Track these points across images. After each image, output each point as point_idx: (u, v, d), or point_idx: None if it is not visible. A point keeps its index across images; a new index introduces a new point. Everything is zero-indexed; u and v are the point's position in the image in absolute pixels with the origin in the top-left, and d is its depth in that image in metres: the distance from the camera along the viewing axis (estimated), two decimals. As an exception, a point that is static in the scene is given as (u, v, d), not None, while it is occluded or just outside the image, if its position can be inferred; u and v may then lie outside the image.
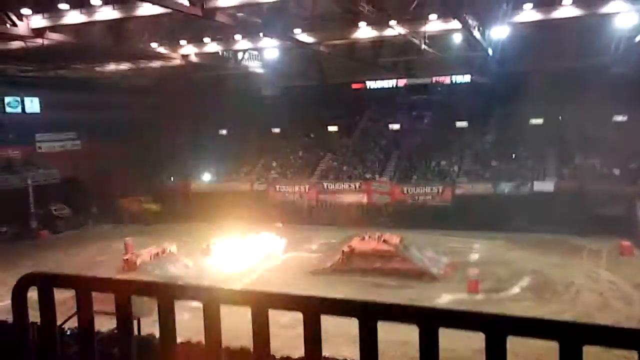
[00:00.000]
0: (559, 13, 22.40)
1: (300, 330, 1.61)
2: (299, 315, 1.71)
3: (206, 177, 41.25)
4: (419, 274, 23.66)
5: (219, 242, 28.36)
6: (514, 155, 36.04)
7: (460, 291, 21.79)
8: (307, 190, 37.88)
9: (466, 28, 23.25)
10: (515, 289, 22.43)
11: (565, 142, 34.72)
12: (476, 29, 24.39)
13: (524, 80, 32.35)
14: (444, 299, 20.99)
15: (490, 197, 33.26)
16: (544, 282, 23.07)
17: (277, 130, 44.65)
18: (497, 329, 1.40)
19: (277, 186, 38.71)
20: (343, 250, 25.17)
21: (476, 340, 1.46)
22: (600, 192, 30.02)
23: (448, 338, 1.58)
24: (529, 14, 23.04)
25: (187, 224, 36.06)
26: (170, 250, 27.07)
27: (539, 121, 37.08)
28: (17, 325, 1.79)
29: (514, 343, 1.45)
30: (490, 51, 27.59)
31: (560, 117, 35.55)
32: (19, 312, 1.80)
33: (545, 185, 32.73)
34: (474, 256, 27.83)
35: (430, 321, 1.44)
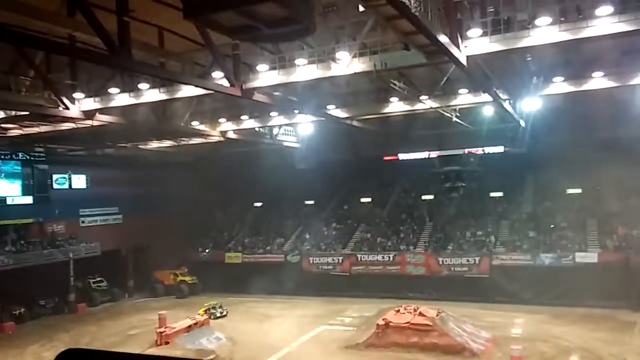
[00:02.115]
0: (590, 85, 22.36)
1: None
2: None
3: (240, 248, 41.56)
4: (459, 349, 22.72)
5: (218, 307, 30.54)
6: (552, 226, 35.18)
7: (504, 369, 20.82)
8: (340, 261, 37.61)
9: (497, 101, 23.67)
10: (564, 368, 21.30)
11: (605, 213, 33.80)
12: (507, 101, 24.82)
13: (558, 150, 32.18)
14: (487, 378, 20.01)
15: (529, 269, 32.27)
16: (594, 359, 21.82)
17: (310, 202, 45.19)
18: None
19: (311, 258, 38.61)
20: (378, 324, 24.52)
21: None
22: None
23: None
24: (560, 86, 23.10)
25: (221, 296, 36.04)
26: (202, 323, 26.96)
27: (577, 191, 36.43)
28: None
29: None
30: (522, 123, 27.83)
31: (598, 187, 34.83)
32: None
33: (588, 257, 31.59)
34: (516, 331, 26.67)
35: None
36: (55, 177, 36.91)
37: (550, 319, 27.94)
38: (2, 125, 26.62)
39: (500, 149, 34.98)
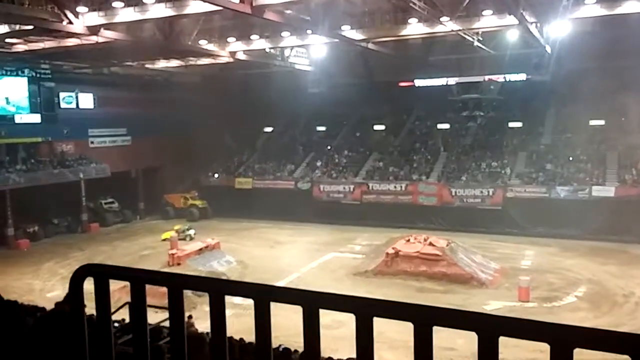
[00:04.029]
0: (623, 8, 21.19)
1: (341, 331, 1.26)
2: (340, 316, 1.64)
3: (250, 174, 41.47)
4: (466, 279, 22.87)
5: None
6: (571, 158, 34.31)
7: (510, 299, 21.00)
8: (351, 190, 37.40)
9: (523, 25, 22.25)
10: (570, 298, 21.45)
11: (627, 146, 32.72)
12: (534, 25, 23.30)
13: (584, 79, 30.64)
14: (493, 306, 20.24)
15: (544, 201, 31.85)
16: (601, 292, 21.99)
17: (322, 128, 44.43)
18: (563, 339, 1.32)
19: (322, 185, 38.41)
20: (387, 252, 24.60)
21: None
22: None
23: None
24: (591, 9, 21.93)
25: (232, 221, 36.44)
26: (213, 247, 27.27)
27: (600, 122, 35.15)
28: (74, 315, 1.84)
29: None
30: (548, 48, 26.25)
31: (623, 119, 33.51)
32: (76, 302, 1.85)
33: (605, 191, 30.96)
34: (526, 262, 26.69)
35: (491, 329, 1.38)
36: (62, 95, 36.27)
37: (560, 251, 27.89)
38: (7, 40, 26.13)
39: (522, 76, 33.52)
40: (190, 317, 12.97)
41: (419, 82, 37.41)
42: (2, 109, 32.95)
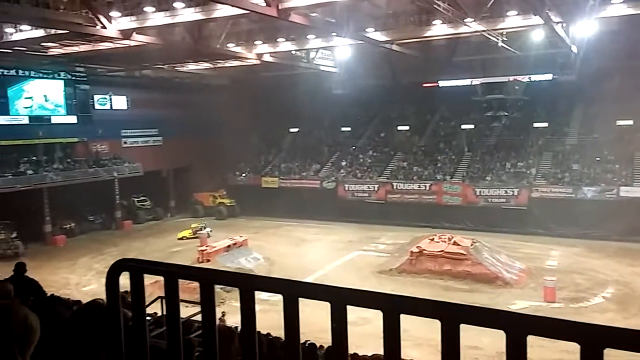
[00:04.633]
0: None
1: (366, 328, 1.58)
2: (366, 314, 1.66)
3: (276, 173, 42.16)
4: (491, 278, 22.89)
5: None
6: (598, 158, 33.92)
7: (536, 299, 20.93)
8: (376, 189, 37.71)
9: (548, 25, 22.18)
10: (597, 299, 21.23)
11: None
12: (559, 25, 23.23)
13: (611, 78, 30.30)
14: (519, 306, 20.17)
15: (570, 202, 31.57)
16: (629, 293, 21.71)
17: (347, 129, 44.81)
18: (594, 339, 1.28)
19: (346, 185, 38.83)
20: (412, 251, 24.82)
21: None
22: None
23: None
24: (618, 8, 21.71)
25: (259, 219, 37.13)
26: (241, 244, 27.92)
27: (628, 122, 34.62)
28: (110, 308, 1.86)
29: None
30: (574, 48, 26.11)
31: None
32: (112, 296, 1.85)
33: (634, 191, 30.55)
34: (551, 263, 26.52)
35: (519, 328, 1.34)
36: (96, 97, 37.69)
37: (587, 252, 27.64)
38: (43, 43, 27.15)
39: (548, 76, 33.28)
40: (223, 314, 13.61)
41: (443, 83, 37.46)
42: (41, 108, 34.39)
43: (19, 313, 2.25)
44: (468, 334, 1.46)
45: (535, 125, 38.02)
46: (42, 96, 34.42)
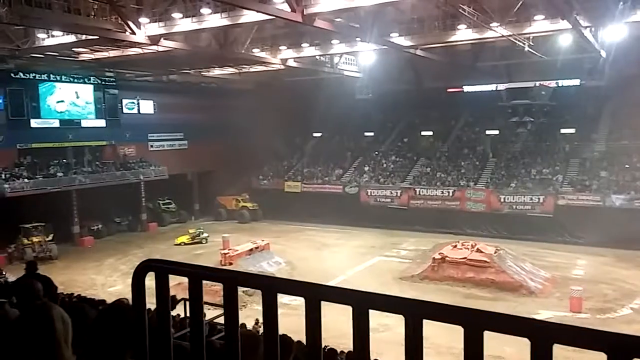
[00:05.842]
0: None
1: (387, 335, 1.58)
2: (387, 320, 1.69)
3: (299, 178, 42.34)
4: (515, 287, 22.57)
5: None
6: (627, 166, 33.14)
7: (562, 309, 20.61)
8: (399, 195, 37.55)
9: (577, 29, 21.84)
10: (625, 310, 20.80)
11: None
12: (588, 29, 22.85)
13: (641, 83, 29.66)
14: (543, 316, 19.76)
15: (597, 210, 30.88)
16: (659, 305, 21.11)
17: (370, 134, 44.77)
18: (622, 349, 1.23)
19: (369, 190, 38.76)
20: (434, 258, 24.64)
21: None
22: None
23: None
24: (649, 12, 21.17)
25: (281, 223, 37.30)
26: (263, 248, 28.11)
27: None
28: (136, 308, 1.86)
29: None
30: (603, 53, 25.64)
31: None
32: (138, 296, 1.85)
33: (664, 200, 29.76)
34: (578, 272, 26.02)
35: (545, 336, 1.29)
36: (124, 101, 38.52)
37: (614, 261, 27.03)
38: (74, 48, 27.91)
39: (576, 81, 32.72)
40: (257, 321, 11.53)
41: (467, 88, 37.17)
42: (71, 112, 35.30)
43: (56, 310, 2.34)
44: (491, 343, 1.44)
45: (562, 131, 37.36)
46: (72, 100, 35.36)
